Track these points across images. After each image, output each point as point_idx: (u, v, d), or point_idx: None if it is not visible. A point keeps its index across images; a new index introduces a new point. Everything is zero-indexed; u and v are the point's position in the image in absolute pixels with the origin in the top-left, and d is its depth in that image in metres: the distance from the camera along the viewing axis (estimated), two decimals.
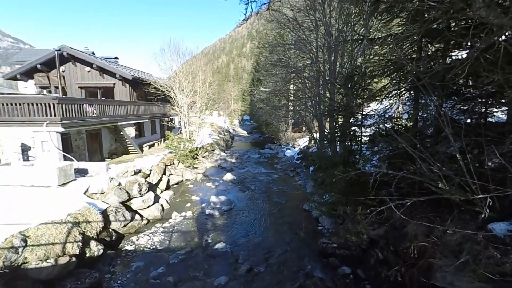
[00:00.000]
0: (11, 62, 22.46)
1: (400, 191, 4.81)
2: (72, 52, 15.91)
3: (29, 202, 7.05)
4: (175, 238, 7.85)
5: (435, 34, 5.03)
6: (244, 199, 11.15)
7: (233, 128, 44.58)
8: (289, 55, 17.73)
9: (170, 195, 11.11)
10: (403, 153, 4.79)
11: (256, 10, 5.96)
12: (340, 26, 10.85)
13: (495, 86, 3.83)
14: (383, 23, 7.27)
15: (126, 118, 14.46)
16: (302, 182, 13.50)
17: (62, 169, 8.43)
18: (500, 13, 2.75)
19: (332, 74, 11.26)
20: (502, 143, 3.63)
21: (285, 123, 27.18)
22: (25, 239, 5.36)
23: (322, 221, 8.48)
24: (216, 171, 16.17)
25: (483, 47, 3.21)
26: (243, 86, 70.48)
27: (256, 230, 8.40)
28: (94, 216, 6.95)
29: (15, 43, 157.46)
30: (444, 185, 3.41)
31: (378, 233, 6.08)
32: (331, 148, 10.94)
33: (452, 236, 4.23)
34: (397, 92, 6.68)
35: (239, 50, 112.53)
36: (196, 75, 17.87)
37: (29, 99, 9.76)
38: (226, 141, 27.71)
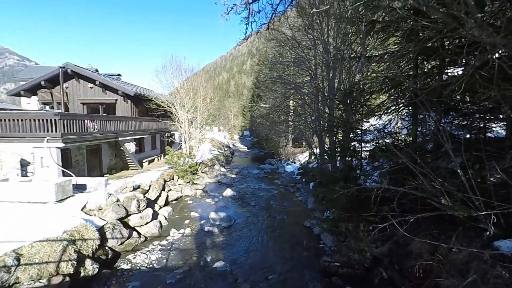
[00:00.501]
0: (16, 79, 22.94)
1: (403, 207, 4.74)
2: (76, 69, 16.28)
3: (25, 219, 6.91)
4: (173, 256, 7.63)
5: (430, 52, 5.16)
6: (244, 216, 10.95)
7: (233, 143, 44.68)
8: (288, 72, 18.12)
9: (169, 211, 10.93)
10: (404, 168, 4.76)
11: (256, 29, 6.16)
12: (337, 45, 11.17)
13: (492, 102, 3.88)
14: (379, 41, 7.50)
15: (127, 133, 14.53)
16: (303, 198, 13.32)
17: (60, 185, 8.35)
18: (492, 32, 2.84)
19: (331, 90, 11.45)
20: (502, 158, 3.62)
21: (285, 138, 27.27)
22: (18, 257, 5.21)
23: (324, 238, 8.28)
24: (216, 186, 16.01)
25: (478, 65, 3.29)
26: (243, 102, 71.50)
27: (256, 248, 8.18)
28: (91, 233, 6.80)
29: (21, 61, 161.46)
30: (447, 201, 3.36)
31: (382, 251, 5.92)
32: (332, 164, 10.91)
33: (458, 254, 4.11)
34: (396, 107, 6.76)
35: (239, 67, 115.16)
36: (197, 91, 18.16)
37: (31, 115, 9.86)
38: (226, 156, 27.67)
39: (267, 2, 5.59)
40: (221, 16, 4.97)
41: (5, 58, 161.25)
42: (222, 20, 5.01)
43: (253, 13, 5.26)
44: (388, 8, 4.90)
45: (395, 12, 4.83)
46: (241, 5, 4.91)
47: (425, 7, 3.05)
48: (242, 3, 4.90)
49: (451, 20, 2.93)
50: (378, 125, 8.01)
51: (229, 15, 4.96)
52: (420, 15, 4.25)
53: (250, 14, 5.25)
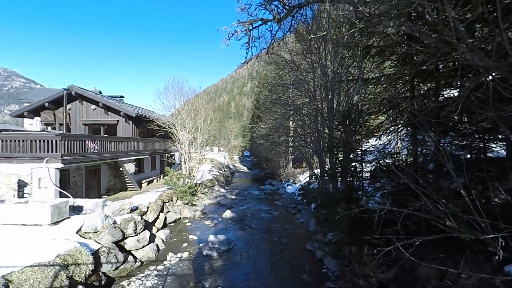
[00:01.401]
0: (20, 101, 23.40)
1: (407, 229, 4.61)
2: (80, 92, 16.66)
3: (18, 242, 6.69)
4: (169, 282, 7.28)
5: (426, 74, 5.32)
6: (243, 239, 10.62)
7: (233, 164, 44.52)
8: (288, 94, 18.51)
9: (167, 234, 10.62)
10: (406, 189, 4.70)
11: (256, 53, 6.40)
12: (335, 68, 11.52)
13: (490, 123, 3.92)
14: (375, 64, 7.75)
15: (127, 154, 14.52)
16: (304, 219, 13.01)
17: (56, 207, 8.19)
18: (484, 56, 2.94)
19: (330, 112, 11.62)
20: (505, 178, 3.59)
21: (285, 159, 27.21)
22: (7, 284, 4.97)
23: (327, 263, 7.96)
24: (215, 208, 15.70)
25: (473, 87, 3.36)
26: (243, 122, 72.36)
27: (256, 273, 7.84)
28: (85, 257, 6.55)
29: (27, 83, 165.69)
30: (452, 223, 3.28)
31: (388, 276, 5.66)
32: (333, 184, 10.78)
33: (467, 280, 3.93)
34: (395, 128, 6.82)
35: (240, 89, 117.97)
36: (198, 113, 18.44)
37: (32, 136, 9.92)
38: (226, 177, 27.44)
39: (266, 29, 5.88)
40: (222, 41, 5.19)
41: (12, 81, 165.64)
42: (224, 45, 5.22)
43: (253, 38, 5.49)
44: (382, 33, 5.12)
45: (389, 37, 5.04)
46: (241, 32, 5.14)
47: (418, 33, 3.19)
48: (242, 30, 5.13)
49: (443, 45, 3.05)
50: (378, 146, 8.03)
51: (230, 40, 5.18)
52: (413, 40, 4.43)
53: (250, 40, 5.48)
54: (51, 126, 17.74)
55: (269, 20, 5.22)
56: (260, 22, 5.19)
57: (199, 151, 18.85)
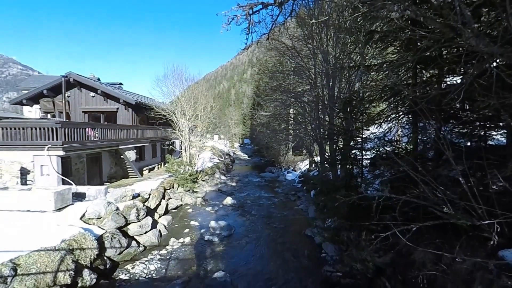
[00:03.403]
0: (19, 88, 23.18)
1: (405, 215, 4.69)
2: (79, 79, 16.47)
3: (23, 228, 6.85)
4: (172, 266, 7.51)
5: (429, 61, 5.22)
6: (244, 225, 10.83)
7: (233, 152, 44.65)
8: (288, 81, 18.29)
9: (169, 220, 10.83)
10: (405, 176, 4.74)
11: (256, 39, 6.25)
12: (337, 54, 11.32)
13: (491, 110, 3.90)
14: (378, 51, 7.61)
15: (128, 142, 14.55)
16: (304, 206, 13.21)
17: (60, 194, 8.31)
18: (489, 42, 2.88)
19: (331, 99, 11.53)
20: (504, 166, 3.61)
21: (285, 146, 27.26)
22: (15, 267, 5.13)
23: (326, 248, 8.16)
24: (216, 195, 15.91)
25: (476, 73, 3.32)
26: (243, 110, 71.92)
27: (256, 258, 8.06)
28: (89, 242, 6.72)
29: (24, 70, 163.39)
30: (449, 209, 3.33)
31: (384, 260, 5.82)
32: (332, 172, 10.87)
33: (462, 264, 4.04)
34: (396, 116, 6.78)
35: (240, 76, 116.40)
36: (197, 100, 18.29)
37: (32, 123, 9.91)
38: (226, 164, 27.60)
39: (267, 13, 5.69)
40: (222, 26, 5.06)
41: (9, 68, 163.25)
42: (223, 30, 5.10)
43: (253, 23, 5.35)
44: (386, 18, 4.99)
45: (393, 22, 4.91)
46: (241, 16, 5.00)
47: (422, 17, 3.11)
48: (242, 14, 5.00)
49: (448, 30, 2.98)
50: (379, 133, 8.02)
51: (229, 25, 5.05)
52: (417, 25, 4.32)
53: (250, 25, 5.35)
54: (50, 114, 17.68)
55: (269, 4, 5.07)
56: (260, 6, 5.04)
57: (199, 139, 18.86)
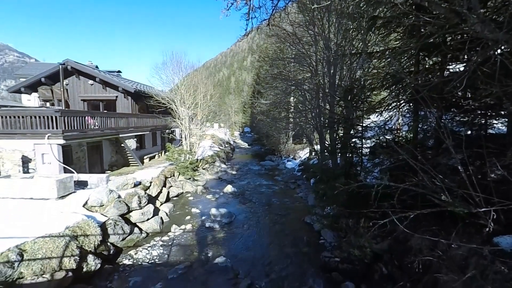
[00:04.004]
0: (16, 76, 22.90)
1: (403, 203, 4.75)
2: (76, 66, 16.24)
3: (28, 215, 6.97)
4: (174, 252, 7.69)
5: (432, 48, 5.13)
6: (244, 212, 11.00)
7: (233, 140, 44.68)
8: (289, 68, 18.03)
9: (170, 207, 10.99)
10: (404, 165, 4.77)
11: (257, 25, 6.11)
12: (338, 41, 11.10)
13: (493, 98, 3.86)
14: (380, 37, 7.46)
15: (127, 130, 14.54)
16: (303, 194, 13.37)
17: (62, 182, 8.39)
18: (494, 28, 2.82)
19: (331, 87, 11.41)
20: (503, 154, 3.62)
21: (285, 135, 27.25)
22: (21, 253, 5.26)
23: (324, 235, 8.33)
24: (217, 183, 16.06)
25: (480, 61, 3.27)
26: (243, 98, 71.31)
27: (256, 244, 8.24)
28: (93, 229, 6.85)
29: (21, 57, 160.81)
30: (447, 197, 3.37)
31: (382, 246, 5.96)
32: (332, 160, 10.92)
33: (457, 250, 4.14)
34: (397, 104, 6.74)
35: (240, 63, 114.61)
36: (197, 88, 18.13)
37: (32, 112, 9.87)
38: (226, 153, 27.69)
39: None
40: (221, 12, 4.94)
41: (5, 55, 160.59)
42: (222, 16, 4.98)
43: (254, 9, 5.22)
44: (389, 3, 4.86)
45: (396, 7, 4.79)
46: (241, 1, 4.87)
47: (427, 2, 3.03)
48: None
49: (453, 16, 2.91)
50: (379, 122, 8.00)
51: (229, 11, 4.93)
52: (422, 10, 4.22)
53: (250, 10, 5.21)
54: (49, 102, 17.56)
55: None
56: None
57: (199, 127, 18.84)
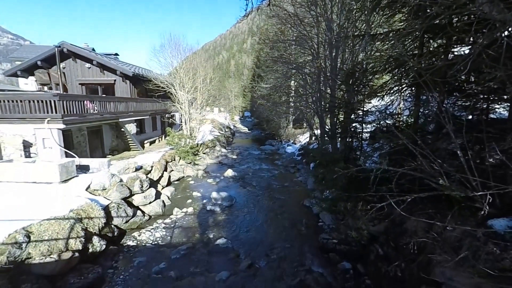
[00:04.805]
0: (11, 59, 22.44)
1: (401, 187, 4.82)
2: (72, 49, 15.87)
3: (32, 198, 7.10)
4: (176, 234, 7.91)
5: (437, 29, 4.99)
6: (245, 195, 11.20)
7: (233, 125, 44.55)
8: (290, 51, 17.62)
9: (171, 191, 11.17)
10: (404, 149, 4.79)
11: (257, 5, 5.91)
12: (341, 22, 10.76)
13: (497, 83, 3.81)
14: (384, 18, 7.22)
15: (127, 114, 14.47)
16: (303, 178, 13.53)
17: (64, 166, 8.47)
18: (503, 9, 2.73)
19: (333, 70, 11.21)
20: (503, 139, 3.63)
21: (286, 119, 27.12)
22: (28, 235, 5.42)
23: (323, 217, 8.52)
24: (217, 167, 16.21)
25: (486, 43, 3.19)
26: (243, 82, 70.28)
27: (257, 226, 8.46)
28: (96, 212, 7.01)
29: (15, 39, 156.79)
30: (445, 181, 3.42)
31: (378, 229, 6.12)
32: (332, 145, 10.95)
33: (452, 232, 4.25)
34: (399, 88, 6.65)
35: (239, 46, 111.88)
36: (196, 71, 17.81)
37: (30, 96, 9.78)
38: (227, 137, 27.71)
39: None
40: None
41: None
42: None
43: None
44: None
45: None
46: None
47: None
48: None
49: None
50: (380, 106, 7.93)
51: None
52: None
53: None
54: (47, 86, 17.35)
55: None
56: None
57: (199, 112, 18.71)
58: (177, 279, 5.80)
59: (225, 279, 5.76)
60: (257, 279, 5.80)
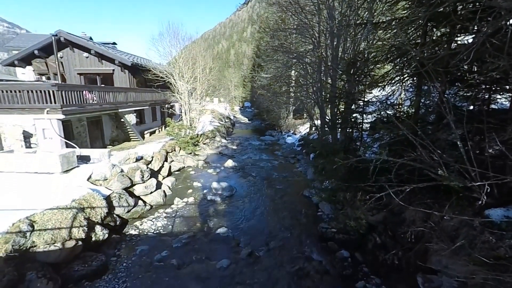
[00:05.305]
0: (8, 48, 22.11)
1: (400, 177, 4.86)
2: (69, 38, 15.60)
3: (34, 188, 7.17)
4: (177, 223, 8.03)
5: (441, 17, 4.89)
6: (245, 186, 11.29)
7: (234, 115, 44.36)
8: (290, 40, 17.33)
9: (172, 181, 11.25)
10: (404, 140, 4.80)
11: None
12: (343, 10, 10.53)
13: (500, 72, 3.77)
14: (387, 6, 7.08)
15: (127, 105, 14.38)
16: (303, 168, 13.60)
17: (65, 156, 8.50)
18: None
19: (334, 60, 11.06)
20: (503, 130, 3.62)
21: (286, 109, 26.99)
22: (32, 224, 5.50)
23: (322, 207, 8.62)
24: (217, 157, 16.27)
25: (490, 32, 3.14)
26: (243, 72, 69.45)
27: (257, 216, 8.57)
28: (98, 202, 7.09)
29: (11, 28, 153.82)
30: (444, 172, 3.44)
31: (377, 218, 6.20)
32: (332, 135, 10.94)
33: (449, 221, 4.31)
34: (400, 78, 6.59)
35: (239, 35, 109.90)
36: (196, 61, 17.58)
37: (29, 86, 9.69)
38: (227, 128, 27.66)
39: None
40: None
41: None
42: None
43: None
44: None
45: None
46: None
47: None
48: None
49: None
50: (381, 97, 7.88)
51: None
52: None
53: None
54: (45, 76, 17.15)
55: None
56: None
57: (199, 102, 18.60)
58: (179, 266, 5.93)
59: (226, 267, 5.89)
60: (257, 267, 5.93)
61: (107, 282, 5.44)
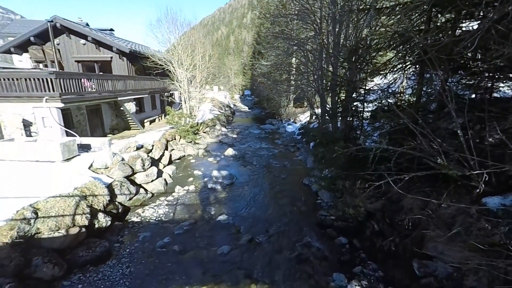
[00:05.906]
0: (3, 34, 21.68)
1: (399, 166, 4.89)
2: (65, 24, 15.25)
3: (36, 177, 7.23)
4: (179, 210, 8.15)
5: (447, 3, 4.76)
6: (245, 174, 11.37)
7: (234, 103, 44.05)
8: (291, 26, 16.96)
9: (173, 169, 11.33)
10: (404, 128, 4.79)
11: None
12: None
13: (504, 60, 3.71)
14: None
15: (126, 93, 14.26)
16: (303, 157, 13.65)
17: (66, 145, 8.52)
18: None
19: (336, 47, 10.86)
20: (505, 119, 3.61)
21: (286, 98, 26.77)
22: (35, 211, 5.59)
23: (321, 195, 8.73)
24: (218, 146, 16.30)
25: (496, 18, 3.07)
26: (243, 59, 68.36)
27: (257, 203, 8.68)
28: (100, 190, 7.17)
29: (5, 14, 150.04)
30: (443, 160, 3.45)
31: (375, 206, 6.29)
32: (332, 124, 10.91)
33: (446, 209, 4.38)
34: (402, 66, 6.50)
35: (239, 21, 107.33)
36: (195, 48, 17.27)
37: (26, 74, 9.58)
38: (227, 116, 27.55)
39: None
40: None
41: None
42: None
43: None
44: None
45: None
46: None
47: None
48: None
49: None
50: (382, 85, 7.80)
51: None
52: None
53: None
54: (42, 63, 16.91)
55: None
56: None
57: (198, 90, 18.42)
58: (181, 252, 6.08)
59: (227, 253, 6.04)
60: (257, 253, 6.08)
61: (111, 267, 5.60)
